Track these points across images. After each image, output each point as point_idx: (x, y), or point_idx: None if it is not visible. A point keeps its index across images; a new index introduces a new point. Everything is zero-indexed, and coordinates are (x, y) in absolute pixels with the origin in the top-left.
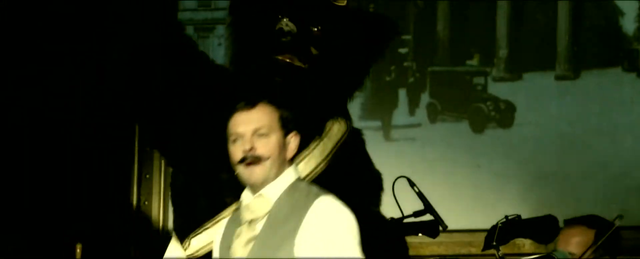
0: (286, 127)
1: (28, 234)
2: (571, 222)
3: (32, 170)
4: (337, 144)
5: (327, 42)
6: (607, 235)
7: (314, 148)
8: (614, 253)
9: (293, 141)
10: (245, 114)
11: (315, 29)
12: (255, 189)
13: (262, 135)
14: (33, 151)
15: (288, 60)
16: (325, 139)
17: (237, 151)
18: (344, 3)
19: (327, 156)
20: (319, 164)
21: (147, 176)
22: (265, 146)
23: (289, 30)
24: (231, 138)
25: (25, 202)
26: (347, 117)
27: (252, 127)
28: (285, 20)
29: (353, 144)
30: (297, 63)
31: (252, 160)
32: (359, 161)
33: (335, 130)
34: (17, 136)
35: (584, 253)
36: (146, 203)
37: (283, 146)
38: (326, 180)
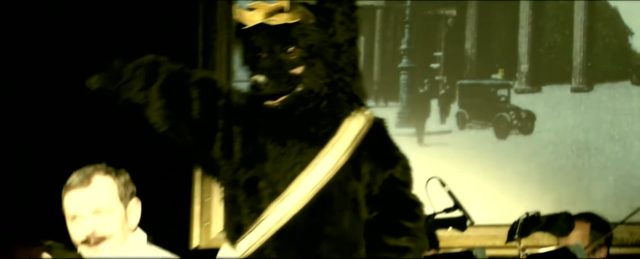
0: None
1: None
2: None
3: None
4: (356, 137)
5: (303, 55)
6: (609, 234)
7: (331, 149)
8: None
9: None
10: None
11: (291, 51)
12: None
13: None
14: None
15: (277, 103)
16: (343, 137)
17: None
18: (292, 19)
19: (347, 149)
20: (337, 162)
21: (207, 199)
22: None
23: (264, 82)
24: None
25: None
26: (362, 108)
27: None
28: (255, 78)
29: (374, 136)
30: (284, 97)
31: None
32: (383, 147)
33: (353, 125)
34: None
35: (588, 246)
36: (206, 224)
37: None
38: (352, 168)
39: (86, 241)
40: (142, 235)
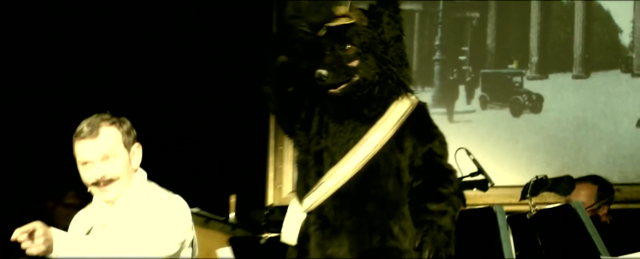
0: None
1: None
2: (579, 180)
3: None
4: (401, 117)
5: (357, 51)
6: (612, 196)
7: (378, 126)
8: (610, 203)
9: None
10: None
11: (348, 48)
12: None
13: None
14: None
15: (338, 91)
16: (390, 117)
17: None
18: (341, 22)
19: (392, 127)
20: (383, 137)
21: (280, 166)
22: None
23: (327, 75)
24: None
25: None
26: (409, 93)
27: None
28: (319, 71)
29: (416, 117)
30: (343, 86)
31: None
32: (424, 125)
33: (397, 109)
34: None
35: (594, 204)
36: (279, 186)
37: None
38: (396, 143)
39: (96, 183)
40: (142, 174)
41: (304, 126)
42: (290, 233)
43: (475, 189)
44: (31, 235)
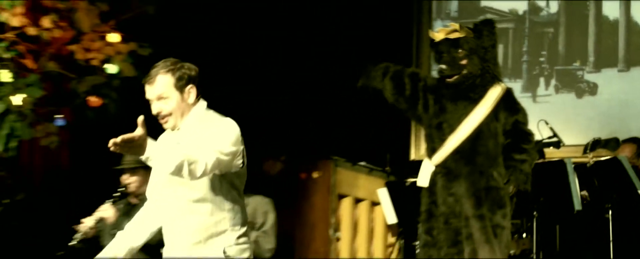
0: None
1: None
2: (625, 141)
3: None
4: (495, 100)
5: (466, 53)
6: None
7: (482, 105)
8: None
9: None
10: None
11: (460, 52)
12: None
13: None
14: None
15: (452, 80)
16: (488, 98)
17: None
18: (455, 35)
19: (490, 106)
20: (485, 112)
21: (417, 134)
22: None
23: (445, 69)
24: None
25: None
26: (499, 81)
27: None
28: (440, 66)
29: (506, 98)
30: (456, 77)
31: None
32: (511, 103)
33: (493, 93)
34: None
35: (634, 157)
36: (418, 147)
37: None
38: (494, 115)
39: (157, 116)
40: (202, 104)
41: (424, 110)
42: (423, 179)
43: (551, 147)
44: (128, 142)
